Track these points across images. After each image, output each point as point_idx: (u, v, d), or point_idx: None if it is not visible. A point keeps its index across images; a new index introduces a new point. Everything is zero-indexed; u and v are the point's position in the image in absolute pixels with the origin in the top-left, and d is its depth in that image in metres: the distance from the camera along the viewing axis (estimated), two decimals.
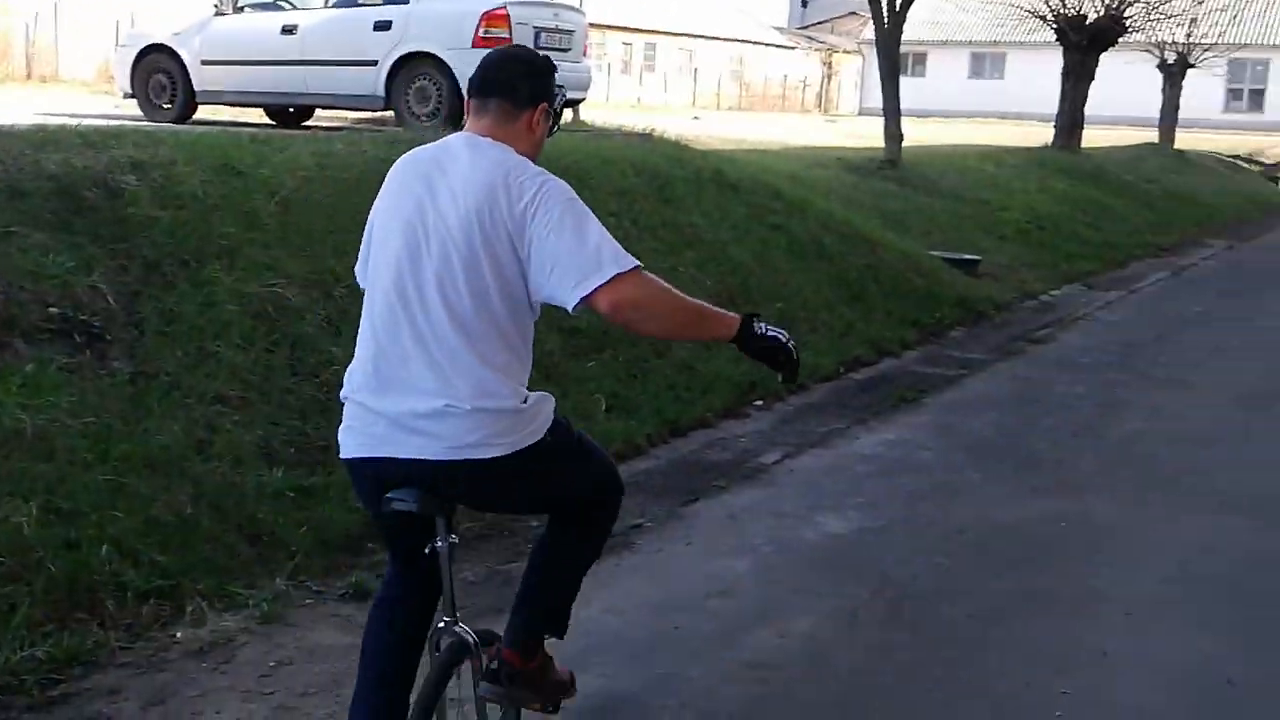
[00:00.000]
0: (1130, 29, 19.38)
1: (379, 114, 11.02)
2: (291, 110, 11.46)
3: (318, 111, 11.51)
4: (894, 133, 14.79)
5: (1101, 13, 18.64)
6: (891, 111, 14.83)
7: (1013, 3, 19.99)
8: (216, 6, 10.87)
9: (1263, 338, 9.65)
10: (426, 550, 2.62)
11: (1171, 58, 23.52)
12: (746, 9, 51.78)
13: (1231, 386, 7.97)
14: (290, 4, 10.97)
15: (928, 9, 43.74)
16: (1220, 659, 3.97)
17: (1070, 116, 19.07)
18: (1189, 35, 22.90)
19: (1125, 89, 28.99)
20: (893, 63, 14.82)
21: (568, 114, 14.14)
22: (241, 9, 10.93)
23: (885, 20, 14.57)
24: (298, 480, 4.57)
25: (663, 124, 15.78)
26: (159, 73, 10.82)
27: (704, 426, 6.44)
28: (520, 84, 2.66)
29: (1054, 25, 18.90)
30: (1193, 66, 23.91)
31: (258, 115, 11.53)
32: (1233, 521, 5.35)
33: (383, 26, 10.45)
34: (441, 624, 2.73)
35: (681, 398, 6.55)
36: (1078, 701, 3.68)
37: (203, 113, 11.03)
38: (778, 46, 49.86)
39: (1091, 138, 20.23)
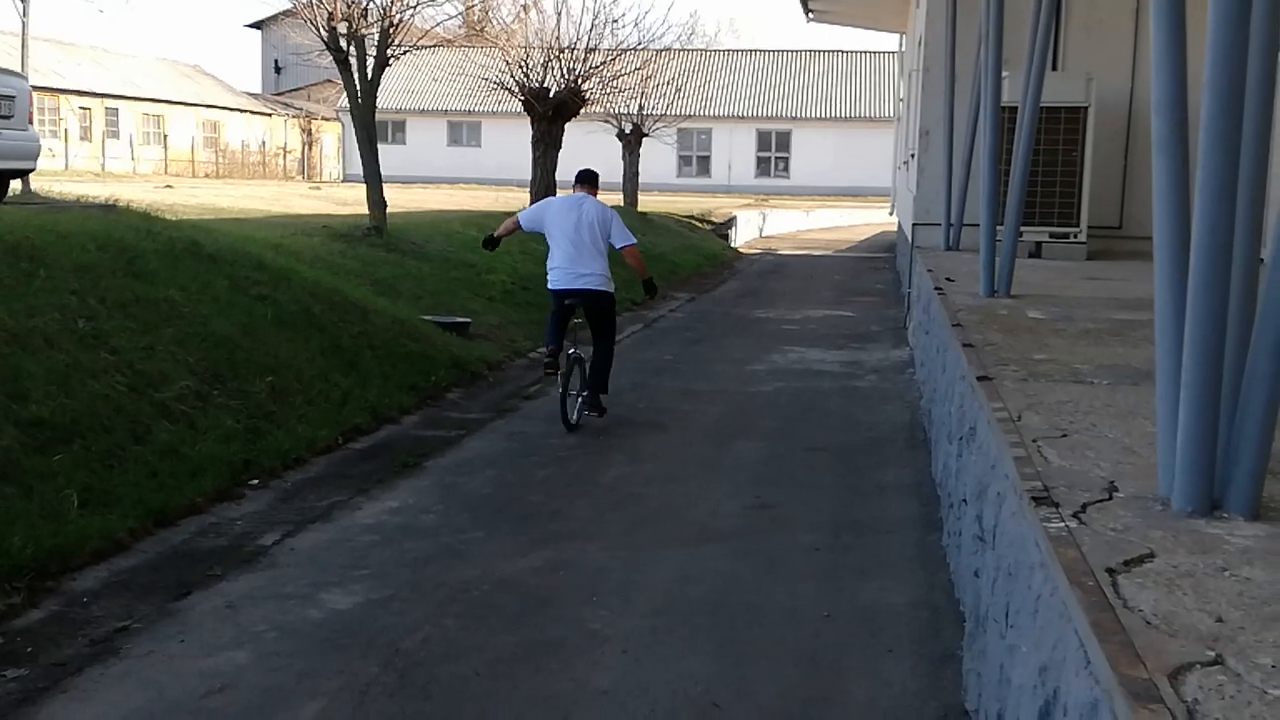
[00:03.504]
0: (589, 101, 20.74)
1: None
2: None
3: None
4: (377, 199, 14.86)
5: (562, 86, 19.84)
6: (373, 178, 14.91)
7: (482, 75, 20.80)
8: None
9: (723, 381, 10.66)
10: (571, 323, 8.61)
11: (628, 128, 25.59)
12: (216, 74, 50.05)
13: (700, 426, 8.73)
14: None
15: (403, 78, 44.67)
16: (706, 683, 4.31)
17: (543, 182, 19.97)
18: (641, 108, 25.02)
19: (591, 156, 31.08)
20: (369, 131, 14.90)
21: (16, 185, 12.90)
22: None
23: (358, 89, 14.63)
24: None
25: (131, 193, 14.83)
26: None
27: (195, 513, 6.09)
28: (595, 181, 8.82)
29: (520, 97, 19.85)
30: (647, 135, 26.14)
31: None
32: (708, 549, 5.85)
33: None
34: (569, 351, 8.41)
35: (167, 484, 6.13)
36: None
37: None
38: (253, 113, 48.62)
39: None
